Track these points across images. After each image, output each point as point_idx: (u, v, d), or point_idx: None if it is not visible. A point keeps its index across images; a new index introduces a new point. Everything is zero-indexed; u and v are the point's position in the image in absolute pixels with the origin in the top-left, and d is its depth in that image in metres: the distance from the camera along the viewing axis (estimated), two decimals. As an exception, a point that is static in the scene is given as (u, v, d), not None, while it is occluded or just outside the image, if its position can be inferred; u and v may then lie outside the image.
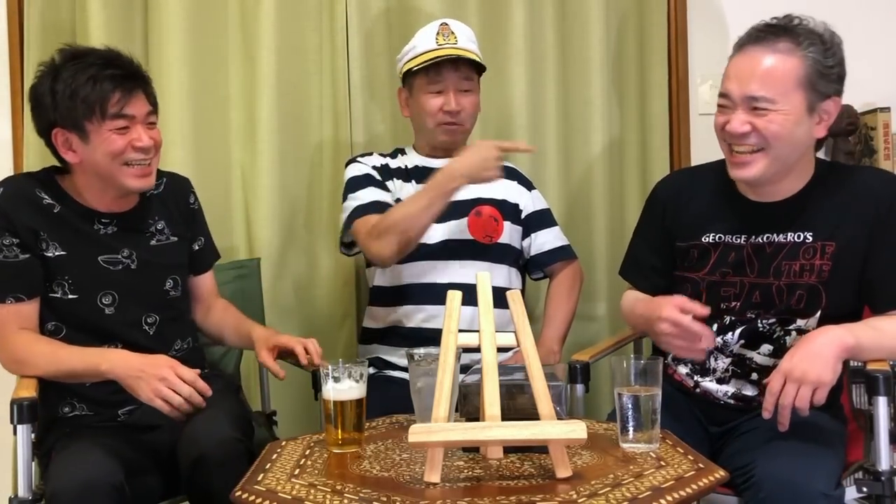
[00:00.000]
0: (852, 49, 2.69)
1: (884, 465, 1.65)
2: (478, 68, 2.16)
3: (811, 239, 1.70)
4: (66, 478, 1.53)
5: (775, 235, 1.72)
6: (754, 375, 1.76)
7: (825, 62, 1.62)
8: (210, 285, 2.07)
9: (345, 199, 2.16)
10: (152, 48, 2.36)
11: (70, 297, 1.76)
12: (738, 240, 1.76)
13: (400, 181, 2.20)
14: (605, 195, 2.60)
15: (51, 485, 1.55)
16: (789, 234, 1.71)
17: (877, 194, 1.69)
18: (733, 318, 1.77)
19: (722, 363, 1.79)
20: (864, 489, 1.67)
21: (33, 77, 1.78)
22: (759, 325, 1.74)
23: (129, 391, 1.65)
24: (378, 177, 2.17)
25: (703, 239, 1.79)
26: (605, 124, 2.60)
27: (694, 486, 1.24)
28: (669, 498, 1.19)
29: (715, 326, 1.77)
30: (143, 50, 2.38)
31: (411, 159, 2.25)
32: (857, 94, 2.66)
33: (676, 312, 1.65)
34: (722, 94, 1.68)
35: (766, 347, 1.75)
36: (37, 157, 2.33)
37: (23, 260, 1.73)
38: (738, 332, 1.76)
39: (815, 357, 1.53)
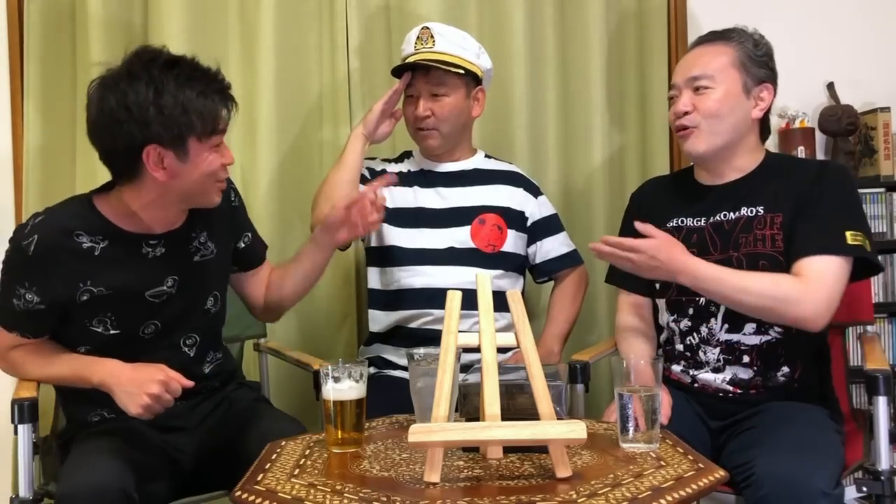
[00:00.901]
0: (853, 49, 2.72)
1: (884, 464, 1.66)
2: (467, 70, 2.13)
3: (762, 211, 1.79)
4: (76, 481, 1.52)
5: (731, 213, 1.83)
6: (746, 358, 1.79)
7: (755, 50, 1.84)
8: (268, 272, 1.98)
9: None
10: (152, 48, 2.36)
11: (112, 332, 1.69)
12: (699, 222, 1.86)
13: (393, 186, 2.19)
14: (605, 196, 2.61)
15: (61, 487, 1.54)
16: (742, 209, 1.81)
17: (811, 170, 1.80)
18: (706, 298, 1.80)
19: (712, 354, 1.82)
20: (864, 489, 1.68)
21: (97, 87, 1.61)
22: None
23: (116, 402, 1.61)
24: (368, 176, 2.19)
25: (667, 225, 1.89)
26: (606, 125, 2.61)
27: (694, 486, 1.24)
28: (669, 498, 1.19)
29: (691, 311, 1.83)
30: (143, 50, 2.37)
31: (416, 163, 2.26)
32: (857, 94, 2.68)
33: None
34: (670, 88, 1.91)
35: (750, 326, 1.78)
36: (37, 158, 2.34)
37: (35, 309, 1.65)
38: (720, 316, 1.80)
39: (655, 269, 1.70)
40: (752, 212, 1.80)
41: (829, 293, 1.67)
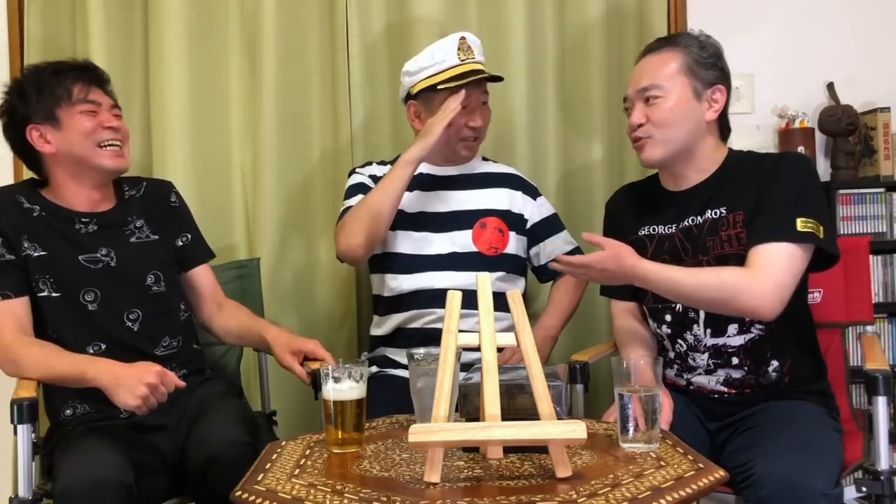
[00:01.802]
0: (853, 49, 2.71)
1: (883, 464, 1.66)
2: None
3: (724, 212, 1.79)
4: (75, 475, 1.53)
5: (697, 217, 1.83)
6: (734, 359, 1.80)
7: (700, 53, 1.82)
8: (209, 282, 2.07)
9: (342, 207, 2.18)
10: (152, 48, 2.36)
11: (54, 295, 1.80)
12: (669, 229, 1.86)
13: None
14: (605, 196, 2.57)
15: (60, 482, 1.54)
16: (707, 212, 1.81)
17: (769, 163, 1.80)
18: (683, 305, 1.82)
19: (701, 360, 1.83)
20: (864, 489, 1.68)
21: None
22: None
23: (110, 398, 1.63)
24: (372, 185, 2.17)
25: (639, 233, 1.90)
26: (605, 125, 2.60)
27: (694, 486, 1.24)
28: (669, 498, 1.19)
29: (668, 317, 1.85)
30: (143, 50, 2.38)
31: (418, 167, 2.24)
32: (857, 94, 2.68)
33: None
34: (624, 100, 1.90)
35: (733, 328, 1.79)
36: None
37: (8, 259, 1.78)
38: (701, 322, 1.80)
39: (613, 278, 1.72)
40: (715, 214, 1.80)
41: (776, 280, 1.65)
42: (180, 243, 2.02)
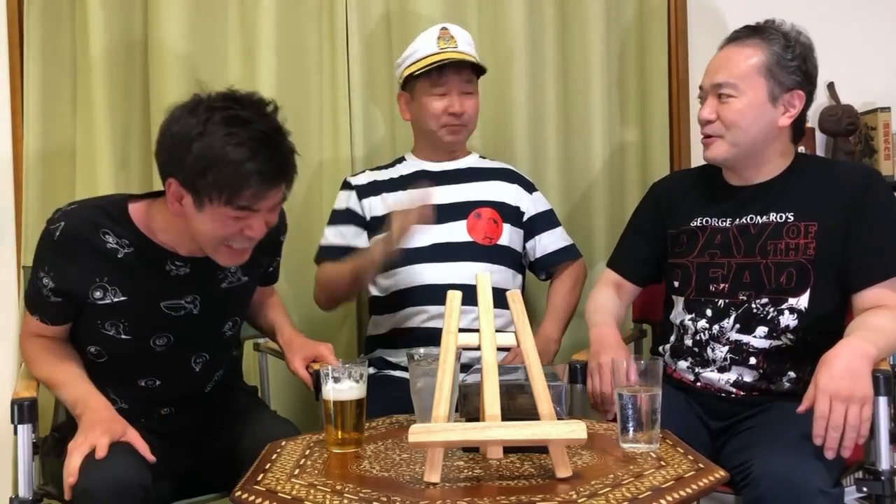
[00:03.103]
0: (853, 49, 2.72)
1: (884, 464, 1.66)
2: (477, 72, 2.19)
3: (793, 219, 1.77)
4: (96, 476, 1.52)
5: (758, 217, 1.80)
6: (752, 360, 1.78)
7: (784, 55, 1.76)
8: (270, 289, 2.05)
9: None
10: (152, 48, 2.36)
11: (123, 337, 1.70)
12: (724, 222, 1.84)
13: (386, 193, 2.21)
14: (606, 196, 2.61)
15: (79, 483, 1.52)
16: (771, 214, 1.79)
17: (852, 179, 1.78)
18: (726, 300, 1.80)
19: (720, 352, 1.81)
20: (865, 489, 1.68)
21: (177, 105, 1.60)
22: (753, 307, 1.77)
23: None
24: (356, 209, 2.21)
25: (691, 223, 1.88)
26: (605, 125, 2.60)
27: (694, 486, 1.25)
28: (669, 498, 1.20)
29: (709, 312, 1.82)
30: (142, 50, 2.37)
31: (410, 166, 2.26)
32: (857, 94, 2.68)
33: (609, 363, 1.75)
34: (700, 88, 1.86)
35: (762, 330, 1.77)
36: (37, 161, 2.33)
37: (53, 301, 1.67)
38: (732, 317, 1.79)
39: (853, 374, 1.54)
40: (781, 217, 1.77)
41: None
42: (271, 269, 1.96)
